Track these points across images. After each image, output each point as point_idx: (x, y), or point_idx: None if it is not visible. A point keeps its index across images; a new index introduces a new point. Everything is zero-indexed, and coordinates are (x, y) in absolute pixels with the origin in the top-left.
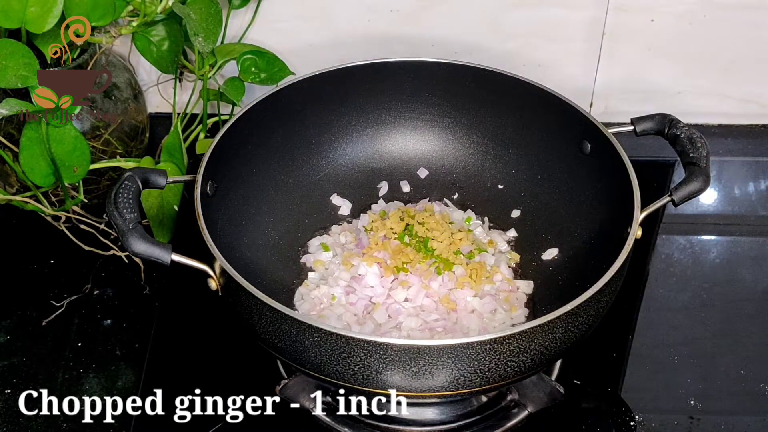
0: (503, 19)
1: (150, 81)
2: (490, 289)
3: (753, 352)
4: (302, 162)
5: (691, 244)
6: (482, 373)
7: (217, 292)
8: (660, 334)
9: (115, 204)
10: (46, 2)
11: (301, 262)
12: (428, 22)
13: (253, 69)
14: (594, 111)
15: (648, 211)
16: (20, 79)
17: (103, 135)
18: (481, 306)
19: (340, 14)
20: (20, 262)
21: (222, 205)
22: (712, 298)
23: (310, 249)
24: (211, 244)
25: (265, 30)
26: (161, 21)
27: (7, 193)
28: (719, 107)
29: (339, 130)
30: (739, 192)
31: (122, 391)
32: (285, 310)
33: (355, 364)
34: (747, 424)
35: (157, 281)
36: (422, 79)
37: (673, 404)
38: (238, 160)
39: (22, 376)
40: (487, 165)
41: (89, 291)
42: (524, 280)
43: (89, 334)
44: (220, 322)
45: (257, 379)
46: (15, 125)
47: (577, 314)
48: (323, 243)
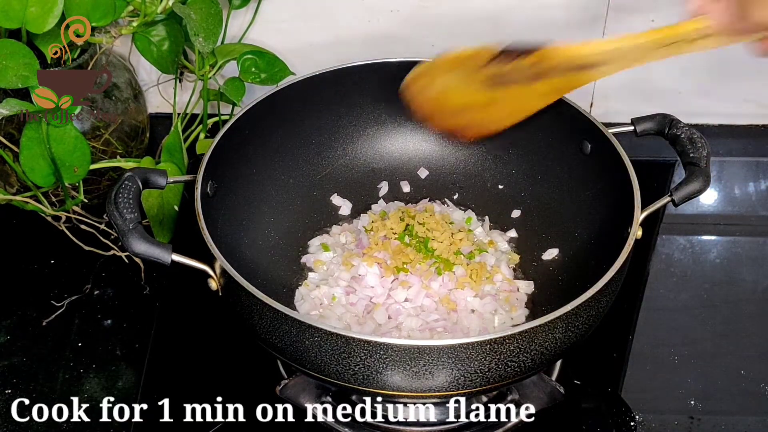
0: (503, 19)
1: (150, 81)
2: (491, 289)
3: (753, 353)
4: (302, 162)
5: (692, 244)
6: (482, 373)
7: (218, 292)
8: (660, 334)
9: (116, 204)
10: (46, 2)
11: (302, 262)
12: (428, 22)
13: (254, 69)
14: (594, 111)
15: (648, 211)
16: (20, 79)
17: (103, 135)
18: (482, 306)
19: (341, 14)
20: (20, 262)
21: (222, 205)
22: (712, 298)
23: (310, 249)
24: (212, 244)
25: (266, 30)
26: (161, 21)
27: (7, 193)
28: (719, 107)
29: (339, 130)
30: (739, 192)
31: (122, 392)
32: (285, 310)
33: (355, 365)
34: (747, 424)
35: (157, 281)
36: None
37: (674, 404)
38: (239, 160)
39: (22, 377)
40: (487, 165)
41: (89, 291)
42: (524, 280)
43: (89, 334)
44: (221, 322)
45: (257, 379)
46: (15, 125)
47: (577, 314)
48: (323, 243)
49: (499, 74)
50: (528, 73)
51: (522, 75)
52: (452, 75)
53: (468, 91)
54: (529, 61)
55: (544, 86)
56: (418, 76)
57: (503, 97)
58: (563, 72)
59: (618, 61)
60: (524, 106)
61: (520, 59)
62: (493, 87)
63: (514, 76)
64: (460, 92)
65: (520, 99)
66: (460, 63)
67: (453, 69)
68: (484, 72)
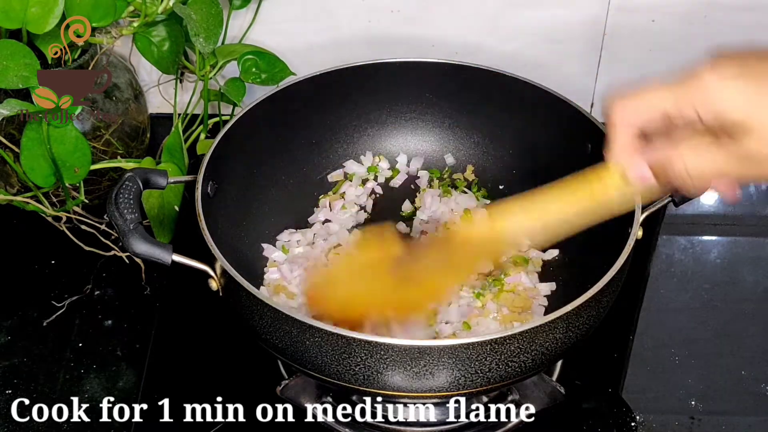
0: (504, 19)
1: (151, 81)
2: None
3: (754, 353)
4: (303, 162)
5: (692, 244)
6: (483, 373)
7: (218, 292)
8: (661, 334)
9: (116, 204)
10: (47, 3)
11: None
12: (428, 23)
13: (254, 69)
14: (595, 111)
15: (649, 211)
16: (21, 80)
17: (104, 135)
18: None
19: (341, 15)
20: (21, 263)
21: (223, 205)
22: (713, 298)
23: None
24: (212, 244)
25: (266, 30)
26: (162, 21)
27: (7, 193)
28: None
29: (340, 130)
30: (739, 192)
31: (123, 392)
32: (286, 310)
33: (355, 365)
34: (748, 424)
35: (157, 282)
36: (423, 80)
37: (674, 405)
38: (239, 160)
39: (22, 377)
40: (487, 165)
41: (90, 291)
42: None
43: (90, 335)
44: (221, 322)
45: (258, 379)
46: (16, 126)
47: (577, 314)
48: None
49: (408, 271)
50: (438, 256)
51: (432, 258)
52: (356, 280)
53: (376, 285)
54: (437, 245)
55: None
56: (316, 286)
57: (414, 282)
58: (476, 250)
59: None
60: (439, 286)
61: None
62: (402, 274)
63: (425, 267)
64: (369, 295)
65: (440, 280)
66: (362, 267)
67: (356, 274)
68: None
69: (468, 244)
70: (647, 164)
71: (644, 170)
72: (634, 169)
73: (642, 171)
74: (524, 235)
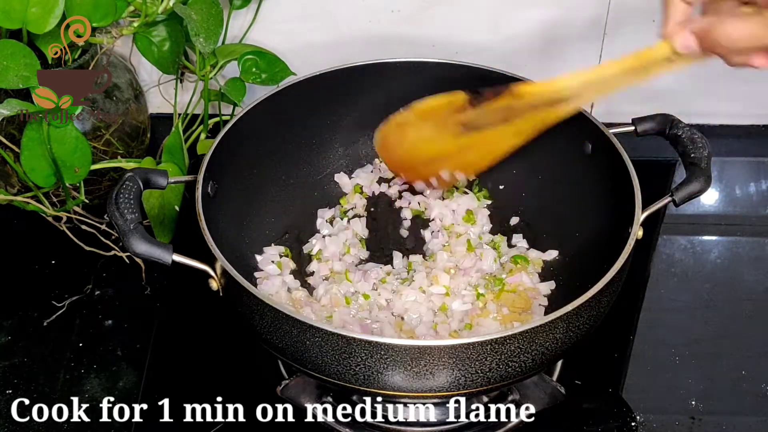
0: (503, 19)
1: (151, 81)
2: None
3: (754, 353)
4: (303, 162)
5: (692, 244)
6: (483, 373)
7: (218, 292)
8: (661, 334)
9: (116, 204)
10: (47, 3)
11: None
12: (428, 23)
13: (254, 69)
14: (595, 111)
15: (649, 211)
16: (21, 80)
17: (104, 135)
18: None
19: (341, 15)
20: (21, 263)
21: (223, 205)
22: (713, 298)
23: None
24: (212, 244)
25: (266, 30)
26: (162, 21)
27: (8, 193)
28: (720, 107)
29: (340, 130)
30: (740, 192)
31: (123, 392)
32: (286, 310)
33: (356, 365)
34: (748, 424)
35: (158, 282)
36: (423, 80)
37: (675, 405)
38: (239, 160)
39: (22, 377)
40: None
41: (90, 291)
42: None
43: (90, 335)
44: (221, 322)
45: (258, 379)
46: (16, 126)
47: (578, 314)
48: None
49: (471, 120)
50: (500, 115)
51: (494, 117)
52: (423, 126)
53: (441, 141)
54: (500, 104)
55: (517, 126)
56: (389, 130)
57: (476, 141)
58: (535, 110)
59: (589, 92)
60: (499, 148)
61: (491, 102)
62: (466, 133)
63: (486, 119)
64: (433, 143)
65: (494, 141)
66: (431, 113)
67: (424, 120)
68: (455, 119)
69: (529, 101)
70: (692, 33)
71: (690, 40)
72: (682, 40)
73: (688, 41)
74: (582, 90)
